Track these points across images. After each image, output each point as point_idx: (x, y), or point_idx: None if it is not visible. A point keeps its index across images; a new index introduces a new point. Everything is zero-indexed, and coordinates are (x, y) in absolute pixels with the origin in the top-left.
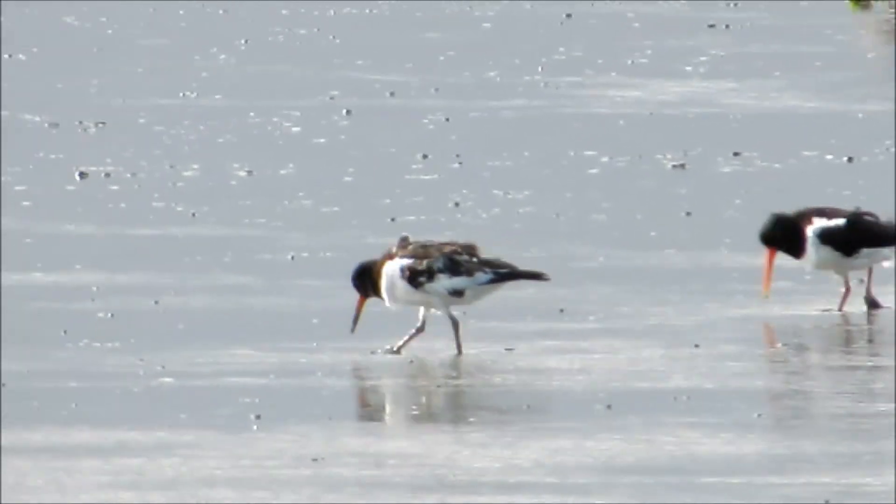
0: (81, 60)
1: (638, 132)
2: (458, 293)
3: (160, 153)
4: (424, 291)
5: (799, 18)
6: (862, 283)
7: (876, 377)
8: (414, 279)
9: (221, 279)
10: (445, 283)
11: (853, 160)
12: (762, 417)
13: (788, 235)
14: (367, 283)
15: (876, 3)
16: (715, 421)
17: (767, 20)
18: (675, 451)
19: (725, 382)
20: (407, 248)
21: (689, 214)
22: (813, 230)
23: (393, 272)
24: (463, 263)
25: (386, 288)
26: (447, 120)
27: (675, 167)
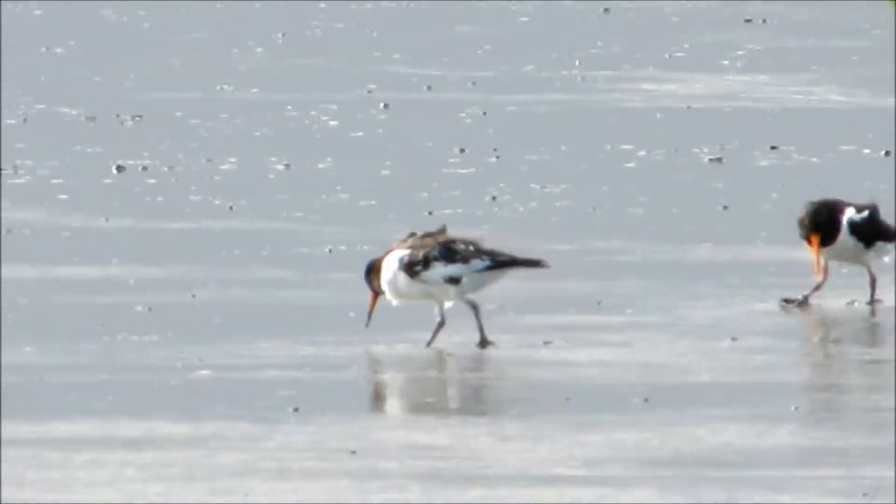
0: (119, 54)
1: (675, 126)
2: (454, 280)
3: (197, 146)
4: (421, 281)
5: (836, 13)
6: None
7: None
8: (410, 268)
9: (258, 272)
10: (441, 270)
11: (890, 154)
12: (798, 410)
13: (829, 223)
14: (374, 278)
15: None
16: (752, 414)
17: (804, 14)
18: (711, 444)
19: (762, 375)
20: (407, 240)
21: (725, 208)
22: (847, 220)
23: (392, 264)
24: (459, 251)
25: (388, 281)
26: (484, 114)
27: (711, 161)
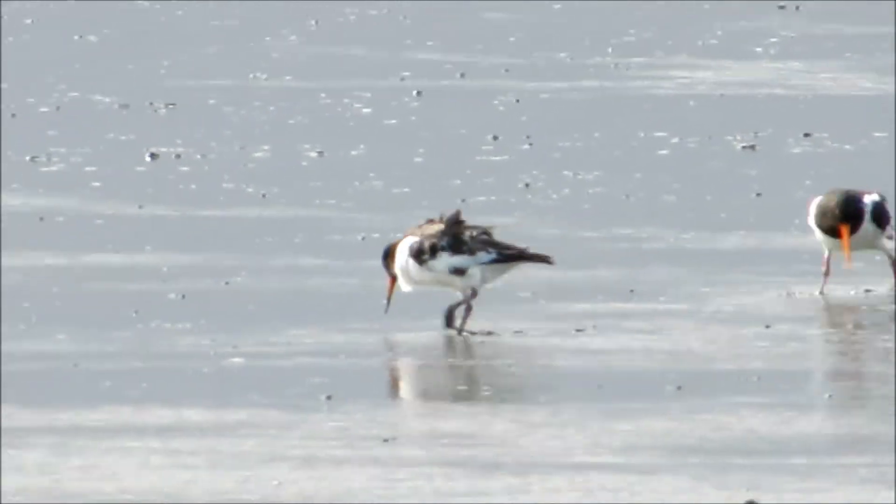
0: (152, 42)
1: (708, 113)
2: (459, 271)
3: (230, 134)
4: (429, 269)
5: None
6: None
7: None
8: (419, 256)
9: (291, 260)
10: (447, 260)
11: None
12: (832, 398)
13: (857, 212)
14: (390, 263)
15: None
16: (785, 402)
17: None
18: (742, 431)
19: (794, 363)
20: (422, 226)
21: (759, 195)
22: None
23: (404, 251)
24: (466, 242)
25: (400, 267)
26: (517, 101)
27: (745, 148)
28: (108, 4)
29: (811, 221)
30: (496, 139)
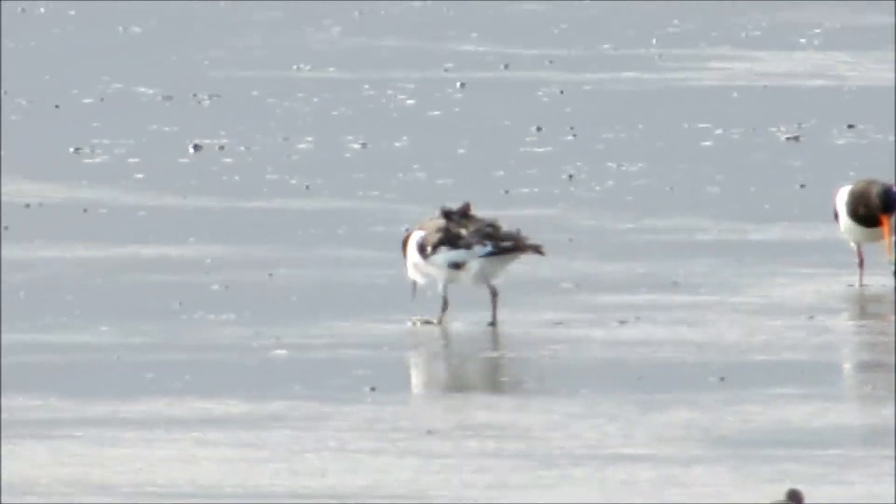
0: (196, 33)
1: (751, 104)
2: (457, 266)
3: (274, 126)
4: (432, 264)
5: None
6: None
7: None
8: (423, 250)
9: (335, 251)
10: (445, 255)
11: None
12: (875, 390)
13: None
14: (405, 254)
15: None
16: (828, 393)
17: None
18: (788, 423)
19: (839, 355)
20: (434, 219)
21: (803, 187)
22: None
23: (412, 244)
24: (463, 237)
25: (410, 259)
26: (561, 92)
27: (788, 139)
28: None
29: (842, 211)
30: (540, 130)
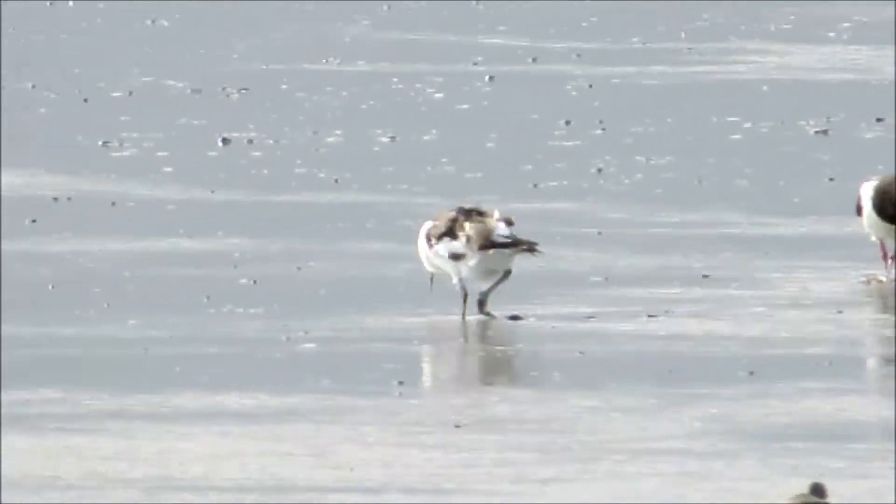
0: (224, 26)
1: (780, 98)
2: (456, 257)
3: (303, 119)
4: (435, 254)
5: None
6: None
7: None
8: (429, 241)
9: (364, 245)
10: (447, 246)
11: None
12: None
13: None
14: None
15: None
16: (857, 387)
17: None
18: (817, 416)
19: (868, 348)
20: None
21: (831, 180)
22: None
23: (421, 234)
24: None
25: (420, 248)
26: (590, 86)
27: (817, 133)
28: None
29: (866, 206)
30: (568, 124)
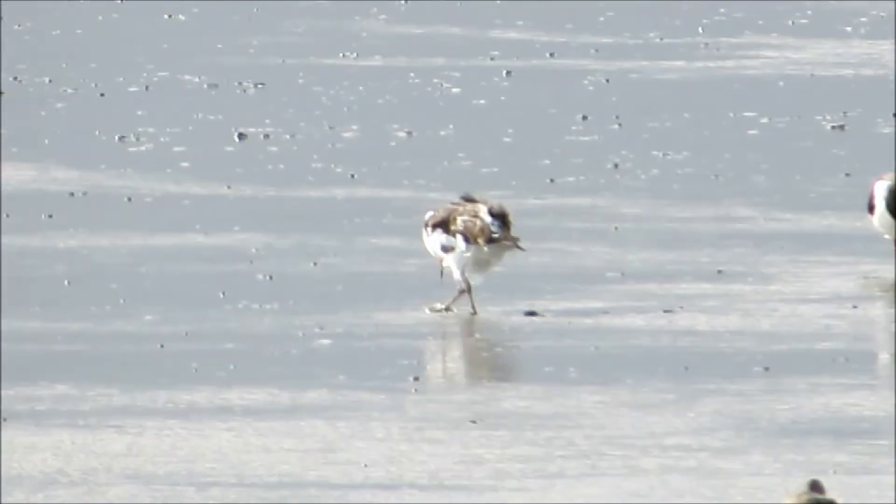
0: (241, 20)
1: (797, 93)
2: (446, 249)
3: (319, 114)
4: (429, 245)
5: None
6: None
7: None
8: (425, 230)
9: (380, 240)
10: (438, 237)
11: None
12: None
13: None
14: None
15: None
16: (872, 382)
17: None
18: (832, 412)
19: (883, 344)
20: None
21: (848, 176)
22: None
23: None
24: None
25: (425, 239)
26: (607, 81)
27: (834, 128)
28: None
29: (879, 204)
30: (585, 119)
